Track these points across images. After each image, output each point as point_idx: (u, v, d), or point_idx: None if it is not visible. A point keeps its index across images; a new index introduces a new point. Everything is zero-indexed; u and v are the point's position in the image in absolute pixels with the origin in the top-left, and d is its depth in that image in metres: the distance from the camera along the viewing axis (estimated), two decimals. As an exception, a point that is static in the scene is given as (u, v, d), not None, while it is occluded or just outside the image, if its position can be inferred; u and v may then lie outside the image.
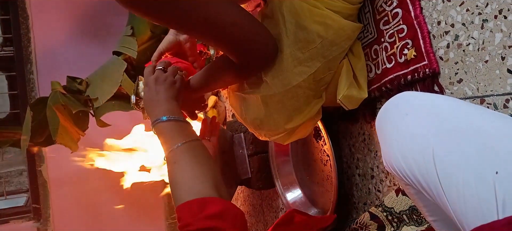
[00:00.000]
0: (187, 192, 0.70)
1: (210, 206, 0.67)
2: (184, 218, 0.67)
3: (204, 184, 0.71)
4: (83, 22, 2.57)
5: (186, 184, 0.71)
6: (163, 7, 0.66)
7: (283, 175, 1.34)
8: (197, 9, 0.68)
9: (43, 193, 2.50)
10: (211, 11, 0.70)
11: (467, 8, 0.68)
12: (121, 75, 1.77)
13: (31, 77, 2.52)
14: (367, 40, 0.91)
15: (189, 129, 0.81)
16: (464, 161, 0.46)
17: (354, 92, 0.88)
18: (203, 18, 0.69)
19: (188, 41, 0.94)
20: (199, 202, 0.68)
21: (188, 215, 0.67)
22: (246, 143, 1.43)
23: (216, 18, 0.71)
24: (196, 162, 0.74)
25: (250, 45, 0.79)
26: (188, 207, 0.68)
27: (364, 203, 1.06)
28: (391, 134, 0.58)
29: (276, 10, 0.85)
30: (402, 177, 0.55)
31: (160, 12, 0.67)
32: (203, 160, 0.76)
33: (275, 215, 1.57)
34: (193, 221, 0.65)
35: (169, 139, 0.78)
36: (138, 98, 0.96)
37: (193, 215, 0.66)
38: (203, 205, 0.68)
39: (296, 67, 0.85)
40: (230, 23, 0.73)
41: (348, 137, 1.08)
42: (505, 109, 0.64)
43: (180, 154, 0.75)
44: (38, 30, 2.53)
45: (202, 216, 0.66)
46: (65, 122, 1.78)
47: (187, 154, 0.75)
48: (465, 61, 0.70)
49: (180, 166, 0.74)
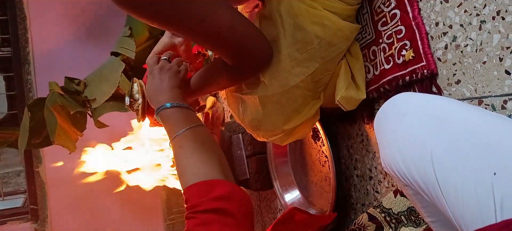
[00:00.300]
0: (194, 175, 0.70)
1: (217, 188, 0.68)
2: (191, 199, 0.67)
3: (211, 167, 0.71)
4: (81, 22, 2.57)
5: (193, 167, 0.72)
6: (159, 9, 0.66)
7: (281, 176, 1.34)
8: (194, 12, 0.68)
9: (40, 194, 2.49)
10: (208, 14, 0.70)
11: (465, 9, 0.68)
12: (119, 76, 1.77)
13: (28, 78, 2.51)
14: (365, 41, 0.91)
15: (193, 115, 0.81)
16: (463, 162, 0.46)
17: (352, 93, 0.88)
18: (199, 21, 0.69)
19: (183, 44, 0.94)
20: (206, 184, 0.69)
21: (196, 197, 0.67)
22: (244, 144, 1.43)
23: (212, 21, 0.71)
24: (202, 146, 0.74)
25: (245, 48, 0.79)
26: (196, 189, 0.68)
27: (362, 204, 1.06)
28: (389, 135, 0.58)
29: (274, 11, 0.85)
30: (401, 178, 0.55)
31: (157, 14, 0.67)
32: (208, 144, 0.76)
33: (274, 216, 1.57)
34: (200, 202, 0.66)
35: (173, 125, 0.78)
36: (132, 100, 0.96)
37: (201, 196, 0.67)
38: (210, 186, 0.68)
39: (294, 68, 0.85)
40: (226, 26, 0.73)
41: (346, 138, 1.08)
42: (503, 110, 0.65)
43: (185, 139, 0.75)
44: (36, 30, 2.52)
45: (210, 197, 0.66)
46: (63, 122, 1.78)
47: (193, 138, 0.75)
48: (463, 62, 0.70)
49: (186, 150, 0.74)
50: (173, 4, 0.66)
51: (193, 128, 0.77)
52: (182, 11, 0.67)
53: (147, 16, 0.67)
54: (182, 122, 0.78)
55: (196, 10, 0.68)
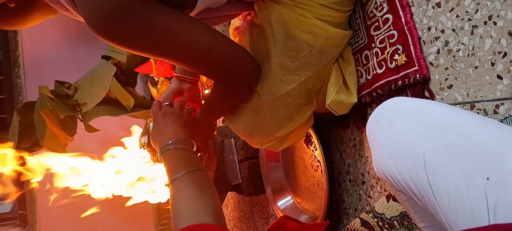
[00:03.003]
0: (187, 218, 0.71)
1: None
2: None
3: (204, 212, 0.72)
4: (72, 26, 2.55)
5: (188, 211, 0.73)
6: (138, 38, 0.68)
7: (273, 180, 1.34)
8: (172, 39, 0.70)
9: (29, 199, 2.45)
10: (186, 40, 0.71)
11: (457, 14, 0.69)
12: (110, 80, 1.75)
13: (18, 81, 2.49)
14: (358, 46, 0.91)
15: (194, 158, 0.83)
16: (455, 167, 0.46)
17: (343, 97, 0.88)
18: (178, 47, 0.71)
19: (190, 89, 0.99)
20: (197, 228, 0.69)
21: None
22: (236, 148, 1.42)
23: (191, 45, 0.72)
24: (198, 191, 0.76)
25: (228, 67, 0.80)
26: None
27: (355, 208, 1.06)
28: (381, 139, 0.58)
29: (264, 19, 0.85)
30: (393, 183, 0.55)
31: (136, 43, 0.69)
32: (205, 188, 0.78)
33: (266, 221, 1.56)
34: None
35: (173, 167, 0.80)
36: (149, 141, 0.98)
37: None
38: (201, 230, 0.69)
39: (285, 76, 0.85)
40: (206, 49, 0.74)
41: (339, 143, 1.08)
42: (495, 115, 0.65)
43: (183, 182, 0.77)
44: (26, 33, 2.50)
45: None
46: (52, 126, 1.76)
47: (191, 182, 0.77)
48: (455, 67, 0.70)
49: (183, 194, 0.75)
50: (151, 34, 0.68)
51: (192, 171, 0.78)
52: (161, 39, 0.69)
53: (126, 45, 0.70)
54: (182, 165, 0.79)
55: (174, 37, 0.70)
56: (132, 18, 0.65)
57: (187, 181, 0.77)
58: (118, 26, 0.65)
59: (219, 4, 0.81)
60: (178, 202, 0.75)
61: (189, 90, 1.00)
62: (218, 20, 0.88)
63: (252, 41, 0.89)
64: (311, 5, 0.82)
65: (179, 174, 0.77)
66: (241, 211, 1.79)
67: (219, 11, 0.83)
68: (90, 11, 0.65)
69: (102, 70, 1.83)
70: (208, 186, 0.80)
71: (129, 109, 1.83)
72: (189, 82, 1.00)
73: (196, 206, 0.73)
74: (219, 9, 0.83)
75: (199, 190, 0.76)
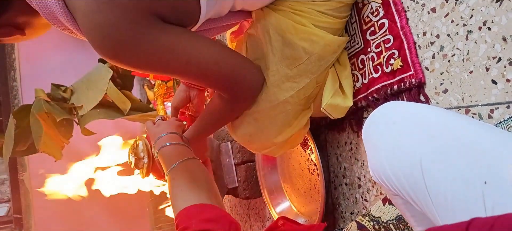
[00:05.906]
0: (185, 201, 0.75)
1: (206, 211, 0.72)
2: (181, 223, 0.71)
3: (200, 194, 0.76)
4: (69, 29, 2.54)
5: (184, 195, 0.76)
6: (146, 60, 0.70)
7: (270, 184, 1.34)
8: (179, 56, 0.72)
9: (25, 202, 2.44)
10: (192, 55, 0.73)
11: (452, 19, 0.69)
12: (106, 83, 1.75)
13: (14, 84, 2.48)
14: (354, 50, 0.92)
15: (186, 150, 0.87)
16: (453, 170, 0.46)
17: (338, 100, 0.88)
18: (185, 63, 0.73)
19: (196, 97, 1.01)
20: (195, 207, 0.73)
21: (186, 219, 0.70)
22: (233, 151, 1.42)
23: (198, 60, 0.74)
24: (192, 176, 0.80)
25: (235, 78, 0.81)
26: (186, 212, 0.72)
27: (351, 212, 1.06)
28: (378, 143, 0.58)
29: (262, 28, 0.86)
30: (390, 187, 0.55)
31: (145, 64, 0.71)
32: (199, 174, 0.82)
33: (262, 225, 1.57)
34: (190, 224, 0.69)
35: (168, 161, 0.84)
36: (137, 159, 0.99)
37: (190, 218, 0.70)
38: (199, 209, 0.72)
39: (284, 83, 0.85)
40: (212, 62, 0.76)
41: (335, 146, 1.08)
42: (490, 119, 0.65)
43: (177, 171, 0.81)
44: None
45: (199, 219, 0.69)
46: (48, 130, 1.75)
47: (185, 170, 0.81)
48: (450, 71, 0.71)
49: (178, 181, 0.79)
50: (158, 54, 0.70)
51: (185, 161, 0.83)
52: (168, 57, 0.71)
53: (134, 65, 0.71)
54: (175, 157, 0.83)
55: (180, 54, 0.71)
56: (139, 42, 0.67)
57: (181, 169, 0.81)
58: (126, 51, 0.67)
59: (219, 15, 0.82)
60: (174, 189, 0.79)
61: (195, 97, 1.01)
62: (219, 30, 0.88)
63: (249, 50, 0.90)
64: (309, 12, 0.82)
65: (174, 165, 0.81)
66: (238, 214, 1.79)
67: (220, 21, 0.84)
68: (97, 38, 0.66)
69: (99, 73, 1.82)
70: (201, 171, 0.83)
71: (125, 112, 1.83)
72: (196, 89, 1.01)
73: (191, 189, 0.77)
74: (220, 19, 0.84)
75: (192, 176, 0.80)
